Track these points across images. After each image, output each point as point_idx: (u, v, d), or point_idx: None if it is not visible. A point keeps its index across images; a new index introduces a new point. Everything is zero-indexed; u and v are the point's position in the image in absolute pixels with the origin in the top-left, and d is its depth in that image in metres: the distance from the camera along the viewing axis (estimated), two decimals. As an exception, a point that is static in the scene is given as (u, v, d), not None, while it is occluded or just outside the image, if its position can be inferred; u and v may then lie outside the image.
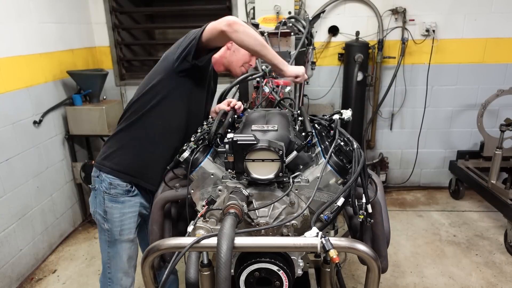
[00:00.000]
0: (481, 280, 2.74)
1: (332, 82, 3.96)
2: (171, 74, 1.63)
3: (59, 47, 3.30)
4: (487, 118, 3.65)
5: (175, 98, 1.66)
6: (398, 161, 4.21)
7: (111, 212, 1.74)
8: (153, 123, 1.67)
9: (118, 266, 1.80)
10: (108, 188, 1.72)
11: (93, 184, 1.78)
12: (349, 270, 2.86)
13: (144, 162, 1.71)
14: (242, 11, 3.77)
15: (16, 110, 2.81)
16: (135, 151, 1.70)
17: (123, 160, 1.71)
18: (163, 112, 1.67)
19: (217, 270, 1.05)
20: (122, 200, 1.74)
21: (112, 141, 1.75)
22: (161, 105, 1.65)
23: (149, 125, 1.68)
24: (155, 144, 1.70)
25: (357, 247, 1.19)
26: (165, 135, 1.69)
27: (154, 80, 1.65)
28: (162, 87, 1.64)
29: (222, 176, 1.43)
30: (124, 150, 1.72)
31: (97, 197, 1.76)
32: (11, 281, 2.74)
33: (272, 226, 1.34)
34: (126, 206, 1.75)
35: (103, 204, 1.74)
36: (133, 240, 1.82)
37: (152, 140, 1.69)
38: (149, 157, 1.70)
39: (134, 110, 1.68)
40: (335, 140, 1.43)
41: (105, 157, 1.74)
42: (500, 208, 3.17)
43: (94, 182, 1.78)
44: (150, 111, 1.66)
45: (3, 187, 2.68)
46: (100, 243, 1.83)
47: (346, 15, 3.77)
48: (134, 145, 1.71)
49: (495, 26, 3.68)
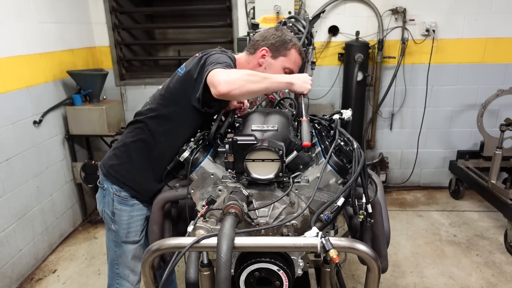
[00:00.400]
0: (481, 280, 2.74)
1: (332, 82, 3.96)
2: (189, 106, 1.58)
3: (59, 47, 3.30)
4: (487, 118, 3.65)
5: (188, 126, 1.63)
6: (398, 161, 4.21)
7: (120, 214, 1.72)
8: (163, 145, 1.63)
9: (125, 264, 1.81)
10: (118, 190, 1.70)
11: (102, 183, 1.75)
12: (349, 270, 2.86)
13: (150, 181, 1.68)
14: (242, 11, 3.77)
15: (16, 110, 2.81)
16: (142, 169, 1.67)
17: (129, 173, 1.69)
18: (175, 138, 1.62)
19: (217, 270, 1.05)
20: (131, 203, 1.71)
21: (122, 151, 1.71)
22: (174, 131, 1.62)
23: (160, 147, 1.64)
24: (162, 166, 1.65)
25: (357, 247, 1.19)
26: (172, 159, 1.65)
27: (175, 105, 1.60)
28: (180, 113, 1.60)
29: (222, 176, 1.43)
30: (132, 164, 1.68)
31: (106, 197, 1.74)
32: (11, 281, 2.74)
33: (272, 226, 1.34)
34: (135, 209, 1.73)
35: (112, 205, 1.72)
36: (139, 242, 1.80)
37: (160, 162, 1.64)
38: (154, 177, 1.68)
39: (148, 126, 1.63)
40: (335, 140, 1.43)
41: (111, 165, 1.71)
42: (500, 208, 3.17)
43: (102, 181, 1.75)
44: (163, 134, 1.63)
45: (3, 187, 2.68)
46: (107, 241, 1.83)
47: (346, 15, 3.77)
48: (142, 162, 1.67)
49: (495, 26, 3.68)
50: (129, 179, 1.68)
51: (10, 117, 2.75)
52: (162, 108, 1.61)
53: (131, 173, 1.68)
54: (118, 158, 1.71)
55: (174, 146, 1.60)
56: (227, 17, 3.87)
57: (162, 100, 1.63)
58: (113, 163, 1.71)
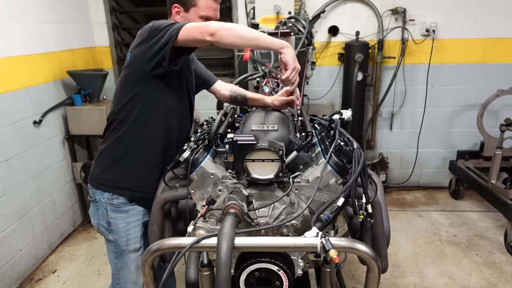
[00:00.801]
0: (481, 280, 2.74)
1: (332, 82, 3.96)
2: (146, 81, 1.56)
3: (59, 47, 3.30)
4: (487, 118, 3.65)
5: (156, 103, 1.61)
6: (398, 161, 4.21)
7: (116, 223, 1.69)
8: (140, 133, 1.62)
9: (127, 277, 1.76)
10: (110, 199, 1.67)
11: (93, 196, 1.72)
12: (349, 270, 2.86)
13: (140, 173, 1.66)
14: (242, 11, 3.77)
15: (16, 110, 2.81)
16: (129, 164, 1.65)
17: (118, 175, 1.66)
18: (149, 120, 1.62)
19: (217, 270, 1.05)
20: (126, 209, 1.69)
21: (103, 157, 1.69)
22: (144, 114, 1.60)
23: (137, 135, 1.62)
24: (147, 154, 1.65)
25: (357, 247, 1.19)
26: (155, 142, 1.65)
27: (131, 90, 1.58)
28: (140, 96, 1.58)
29: (222, 176, 1.43)
30: (118, 165, 1.66)
31: (99, 209, 1.70)
32: (11, 281, 2.74)
33: (272, 226, 1.33)
34: (130, 215, 1.70)
35: (106, 215, 1.69)
36: (140, 249, 1.76)
37: (143, 150, 1.64)
38: (144, 167, 1.65)
39: (118, 122, 1.63)
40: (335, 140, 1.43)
41: (99, 175, 1.68)
42: (500, 208, 3.17)
43: (93, 194, 1.72)
44: (135, 121, 1.60)
45: (3, 187, 2.68)
46: (108, 254, 1.80)
47: (346, 15, 3.77)
48: (126, 158, 1.65)
49: (495, 26, 3.69)
50: (121, 181, 1.65)
51: (10, 117, 2.75)
52: (123, 98, 1.60)
53: (122, 174, 1.65)
54: (103, 165, 1.68)
55: (155, 130, 1.61)
56: (227, 17, 3.87)
57: (120, 91, 1.62)
58: (100, 171, 1.68)
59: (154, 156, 1.66)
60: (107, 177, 1.66)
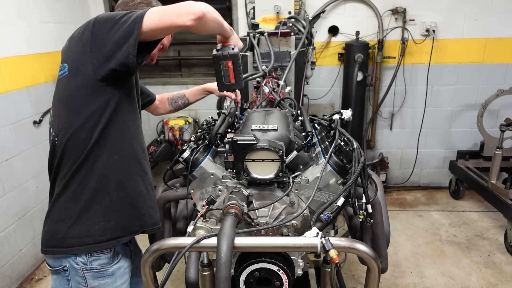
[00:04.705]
0: (481, 280, 2.74)
1: (332, 82, 3.96)
2: (101, 93, 1.19)
3: (59, 47, 3.25)
4: (487, 118, 3.65)
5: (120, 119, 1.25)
6: (398, 161, 4.21)
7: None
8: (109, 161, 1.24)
9: None
10: (87, 262, 1.26)
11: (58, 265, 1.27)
12: (349, 270, 2.86)
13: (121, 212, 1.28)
14: (242, 11, 3.77)
15: (16, 110, 2.80)
16: (105, 206, 1.25)
17: (94, 225, 1.24)
18: (117, 142, 1.25)
19: (217, 270, 1.05)
20: (111, 271, 1.30)
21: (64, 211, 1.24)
22: (110, 128, 1.22)
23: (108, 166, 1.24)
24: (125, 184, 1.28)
25: (357, 247, 1.19)
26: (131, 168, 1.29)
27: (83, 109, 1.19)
28: (99, 113, 1.20)
29: (222, 176, 1.43)
30: (90, 212, 1.23)
31: (71, 281, 1.27)
32: (11, 281, 2.74)
33: (272, 226, 1.34)
34: (117, 277, 1.32)
35: (86, 286, 1.27)
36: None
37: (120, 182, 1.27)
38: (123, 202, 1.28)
39: (77, 156, 1.21)
40: (335, 140, 1.43)
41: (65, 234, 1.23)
42: (500, 208, 3.17)
43: (59, 262, 1.27)
44: (100, 148, 1.22)
45: (3, 187, 2.67)
46: None
47: (346, 15, 3.77)
48: (100, 200, 1.23)
49: (495, 26, 3.68)
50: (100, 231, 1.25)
51: (10, 117, 2.74)
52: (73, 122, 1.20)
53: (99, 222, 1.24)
54: (67, 220, 1.24)
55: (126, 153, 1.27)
56: (227, 17, 3.87)
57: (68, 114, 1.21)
58: (66, 229, 1.24)
59: (134, 185, 1.30)
60: (79, 233, 1.23)
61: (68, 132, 1.21)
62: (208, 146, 1.50)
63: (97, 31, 1.15)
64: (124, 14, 1.12)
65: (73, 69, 1.21)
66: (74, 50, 1.22)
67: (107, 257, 1.29)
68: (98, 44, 1.14)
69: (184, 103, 1.97)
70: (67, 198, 1.24)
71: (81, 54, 1.18)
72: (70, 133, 1.21)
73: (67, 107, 1.22)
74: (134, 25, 1.09)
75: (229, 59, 1.27)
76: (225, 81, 1.30)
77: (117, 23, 1.12)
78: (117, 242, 1.29)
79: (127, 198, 1.29)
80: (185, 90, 1.99)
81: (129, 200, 1.29)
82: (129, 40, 1.09)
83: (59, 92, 1.27)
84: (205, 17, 1.10)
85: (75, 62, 1.21)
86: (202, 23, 1.11)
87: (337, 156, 1.38)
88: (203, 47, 4.20)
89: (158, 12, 1.10)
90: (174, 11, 1.09)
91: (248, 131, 1.48)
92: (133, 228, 1.32)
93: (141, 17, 1.09)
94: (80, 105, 1.19)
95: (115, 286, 1.32)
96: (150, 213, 1.36)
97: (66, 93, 1.23)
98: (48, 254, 1.29)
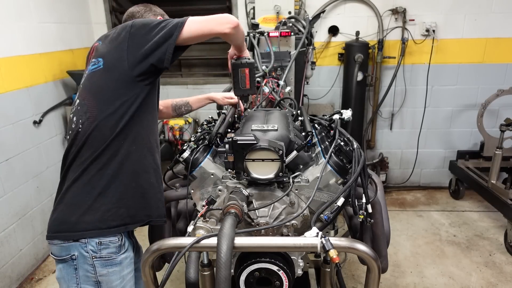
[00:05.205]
0: (481, 280, 2.74)
1: (332, 82, 3.96)
2: (133, 87, 1.31)
3: (59, 47, 3.30)
4: (487, 118, 3.65)
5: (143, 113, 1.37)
6: (398, 161, 4.21)
7: (109, 281, 1.34)
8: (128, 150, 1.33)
9: None
10: (97, 250, 1.31)
11: (67, 253, 1.31)
12: (349, 270, 2.86)
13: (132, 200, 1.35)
14: (242, 11, 3.77)
15: (16, 110, 2.80)
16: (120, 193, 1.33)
17: (107, 212, 1.31)
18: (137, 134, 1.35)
19: (217, 270, 1.05)
20: (119, 260, 1.35)
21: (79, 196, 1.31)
22: (134, 120, 1.34)
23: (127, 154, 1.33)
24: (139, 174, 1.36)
25: (357, 247, 1.19)
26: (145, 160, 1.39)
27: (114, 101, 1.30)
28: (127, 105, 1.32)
29: (222, 176, 1.43)
30: (105, 198, 1.31)
31: (80, 270, 1.32)
32: (11, 281, 2.74)
33: (272, 226, 1.34)
34: (125, 266, 1.38)
35: (94, 274, 1.32)
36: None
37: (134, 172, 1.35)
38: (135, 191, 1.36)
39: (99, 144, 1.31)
40: (335, 140, 1.43)
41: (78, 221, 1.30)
42: (500, 208, 3.17)
43: (68, 250, 1.31)
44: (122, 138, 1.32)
45: (3, 187, 2.67)
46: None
47: (346, 15, 3.77)
48: (115, 186, 1.32)
49: (495, 26, 3.68)
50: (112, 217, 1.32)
51: (10, 117, 2.74)
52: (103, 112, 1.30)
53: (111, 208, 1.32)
54: (81, 205, 1.30)
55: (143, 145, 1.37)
56: (227, 17, 3.87)
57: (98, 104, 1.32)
58: (79, 215, 1.30)
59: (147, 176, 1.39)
60: (92, 219, 1.30)
61: (96, 120, 1.31)
62: (208, 146, 1.51)
63: (134, 32, 1.30)
64: (162, 21, 1.30)
65: (108, 64, 1.32)
66: (109, 48, 1.34)
67: (115, 246, 1.34)
68: (135, 43, 1.29)
69: (187, 109, 2.01)
70: (84, 183, 1.31)
71: (117, 51, 1.31)
72: (98, 121, 1.30)
73: (99, 97, 1.32)
74: (174, 29, 1.26)
75: (247, 66, 1.49)
76: (241, 86, 1.50)
77: (155, 27, 1.28)
78: (125, 229, 1.36)
79: (139, 188, 1.37)
80: (189, 97, 2.01)
81: (140, 190, 1.37)
82: (168, 41, 1.26)
83: (90, 84, 1.36)
84: (239, 27, 1.33)
85: (111, 58, 1.32)
86: (237, 32, 1.33)
87: (337, 156, 1.38)
88: (203, 47, 4.20)
89: (197, 20, 1.29)
90: (215, 20, 1.29)
91: (248, 131, 1.48)
92: (140, 217, 1.39)
93: (182, 23, 1.27)
94: (111, 96, 1.31)
95: (122, 274, 1.38)
96: (158, 205, 1.43)
97: (99, 84, 1.34)
98: (58, 240, 1.32)
